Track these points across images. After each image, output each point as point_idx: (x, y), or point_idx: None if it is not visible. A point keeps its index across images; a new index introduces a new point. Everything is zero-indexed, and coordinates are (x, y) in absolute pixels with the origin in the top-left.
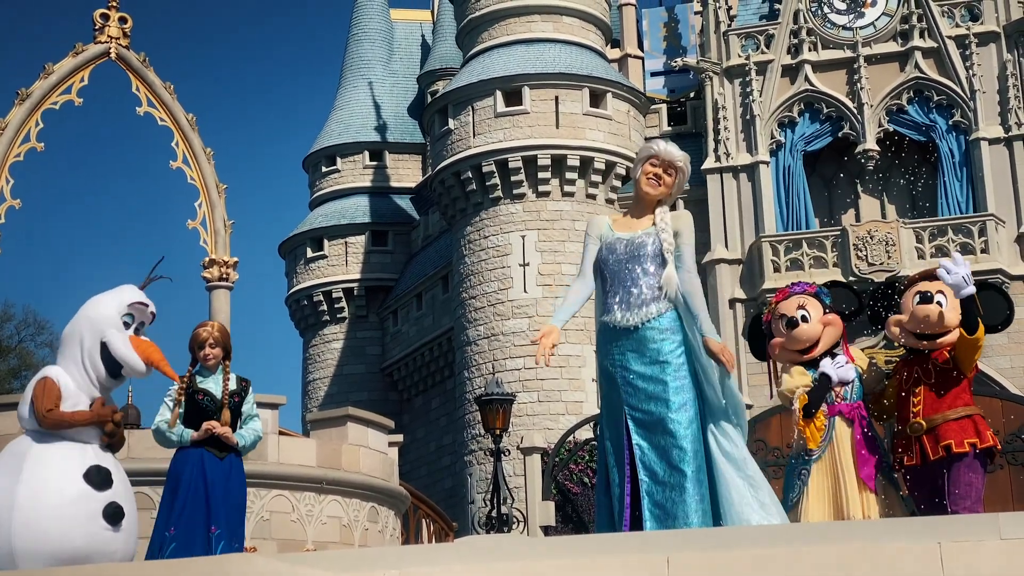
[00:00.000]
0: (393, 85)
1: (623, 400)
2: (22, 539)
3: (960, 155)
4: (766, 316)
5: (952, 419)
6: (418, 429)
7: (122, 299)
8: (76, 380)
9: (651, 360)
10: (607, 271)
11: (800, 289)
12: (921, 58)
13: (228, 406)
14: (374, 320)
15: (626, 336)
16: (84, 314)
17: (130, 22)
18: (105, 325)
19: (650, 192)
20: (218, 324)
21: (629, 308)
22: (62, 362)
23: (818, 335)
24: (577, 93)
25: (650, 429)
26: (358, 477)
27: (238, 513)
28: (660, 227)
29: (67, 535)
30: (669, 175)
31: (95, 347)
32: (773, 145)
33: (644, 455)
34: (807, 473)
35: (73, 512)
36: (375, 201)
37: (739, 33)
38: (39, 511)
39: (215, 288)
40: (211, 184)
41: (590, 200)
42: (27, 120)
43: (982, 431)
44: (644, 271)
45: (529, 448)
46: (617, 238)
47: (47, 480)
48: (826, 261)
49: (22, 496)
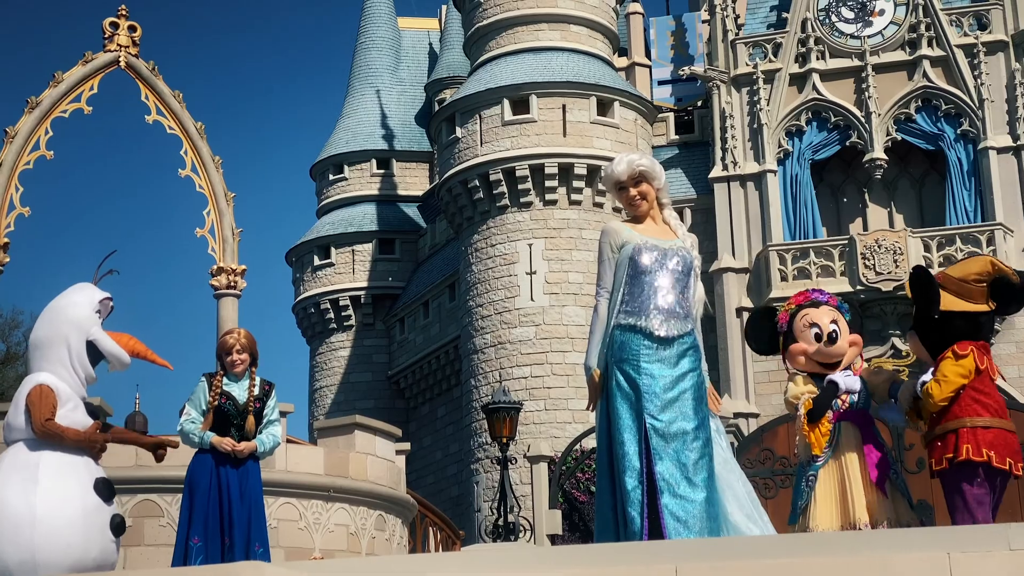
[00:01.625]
0: (401, 93)
1: (642, 408)
2: (45, 550)
3: (968, 164)
4: (783, 316)
5: (937, 436)
6: (425, 437)
7: (92, 297)
8: (68, 383)
9: (679, 374)
10: (640, 273)
11: (823, 298)
12: (929, 67)
13: (252, 412)
14: (381, 328)
15: (658, 345)
16: (63, 316)
17: (139, 31)
18: (88, 324)
19: (643, 209)
20: (244, 331)
21: (666, 319)
22: (48, 367)
23: (845, 352)
24: (584, 102)
25: (668, 440)
26: (365, 485)
27: (257, 512)
28: (687, 245)
29: (88, 546)
30: (641, 185)
31: (83, 347)
32: (781, 154)
33: (664, 465)
34: (814, 478)
35: (91, 524)
36: (382, 209)
37: (747, 42)
38: (61, 522)
39: (223, 296)
40: (219, 192)
41: (597, 208)
42: (37, 128)
43: (960, 444)
44: (679, 284)
45: (536, 456)
46: (652, 243)
47: (68, 491)
48: (833, 270)
49: (43, 507)
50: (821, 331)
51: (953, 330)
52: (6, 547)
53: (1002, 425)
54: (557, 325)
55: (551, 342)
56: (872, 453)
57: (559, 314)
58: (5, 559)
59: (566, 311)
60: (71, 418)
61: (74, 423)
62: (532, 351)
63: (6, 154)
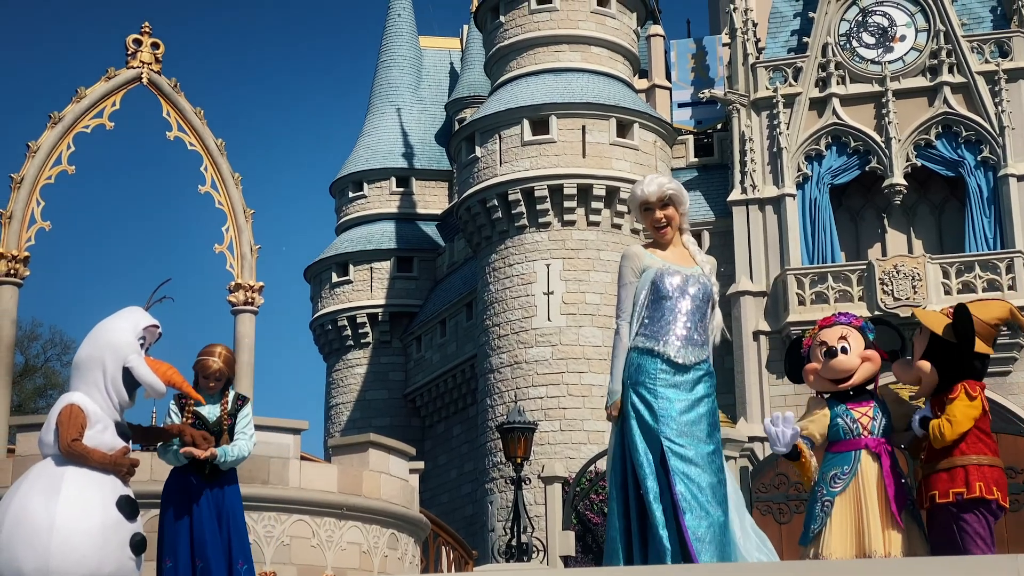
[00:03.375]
0: (421, 112)
1: (660, 431)
2: (60, 560)
3: (988, 191)
4: (807, 342)
5: (942, 469)
6: (440, 456)
7: (137, 323)
8: (100, 405)
9: (695, 398)
10: (662, 298)
11: (846, 320)
12: (950, 93)
13: (227, 429)
14: (398, 346)
15: (676, 371)
16: (104, 340)
17: (162, 48)
18: (127, 351)
19: (668, 235)
20: (224, 355)
21: (684, 345)
22: (83, 387)
23: (855, 368)
24: (604, 123)
25: (687, 462)
26: (378, 503)
27: (237, 530)
28: (707, 271)
29: (102, 561)
30: (667, 207)
31: (118, 372)
32: (800, 178)
33: (683, 487)
34: (830, 504)
35: (109, 539)
36: (401, 227)
37: (767, 65)
38: (79, 534)
39: (240, 312)
40: (239, 209)
41: (615, 230)
42: (59, 143)
43: (972, 481)
44: (698, 311)
45: (550, 477)
46: (674, 268)
47: (88, 503)
48: (851, 295)
49: (62, 517)
50: (829, 347)
51: (967, 370)
52: (23, 552)
53: (1000, 465)
54: (574, 346)
55: (567, 363)
56: (891, 484)
57: (576, 335)
58: (20, 565)
59: (583, 332)
60: (99, 439)
61: (101, 444)
62: (548, 371)
63: (28, 168)
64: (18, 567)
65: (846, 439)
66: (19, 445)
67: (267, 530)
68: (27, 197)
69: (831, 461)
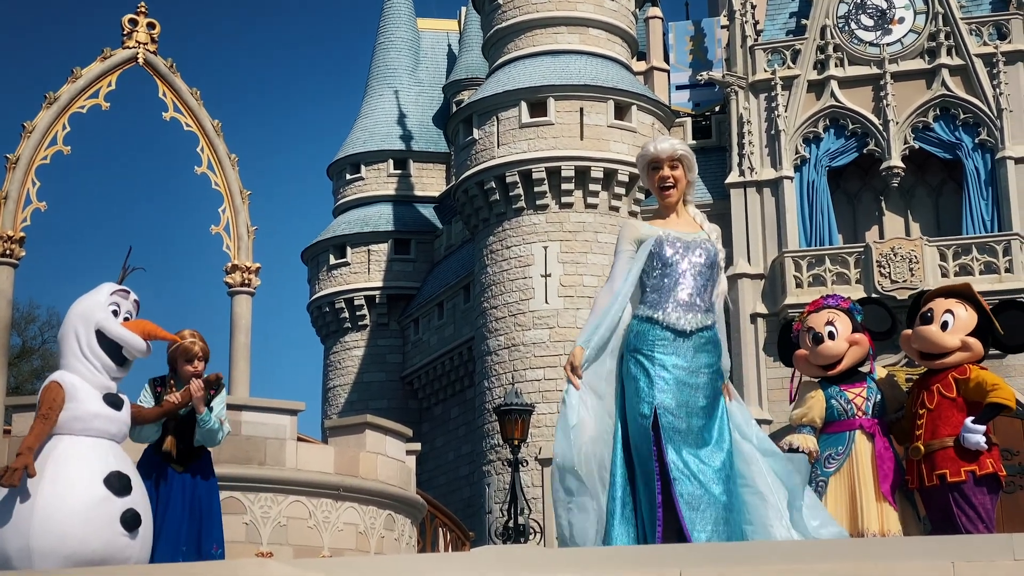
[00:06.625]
0: (419, 94)
1: (653, 398)
2: (41, 538)
3: (986, 174)
4: (796, 325)
5: (951, 446)
6: (437, 438)
7: (103, 290)
8: (82, 374)
9: (695, 367)
10: (662, 265)
11: (833, 303)
12: (948, 76)
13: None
14: (395, 328)
15: (675, 337)
16: (73, 312)
17: (158, 28)
18: (96, 312)
19: (672, 198)
20: (200, 337)
21: (685, 312)
22: (64, 362)
23: (843, 353)
24: (602, 105)
25: (679, 431)
26: (375, 485)
27: (208, 514)
28: (712, 237)
29: (86, 538)
30: (675, 168)
31: (91, 336)
32: (797, 160)
33: (674, 455)
34: (824, 484)
35: (94, 516)
36: (398, 209)
37: (765, 48)
38: (61, 512)
39: (237, 293)
40: (235, 190)
41: (613, 212)
42: (54, 123)
43: (982, 458)
44: (701, 277)
45: (547, 459)
46: (674, 236)
47: (70, 481)
48: (849, 278)
49: (44, 495)
50: (815, 333)
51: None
52: (7, 534)
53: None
54: (571, 328)
55: (565, 345)
56: (884, 463)
57: (573, 317)
58: (5, 546)
59: (580, 314)
60: (81, 409)
61: (85, 414)
62: (545, 353)
63: (24, 149)
64: (3, 548)
65: (840, 420)
66: (15, 425)
67: (264, 511)
68: (23, 177)
69: (826, 441)
